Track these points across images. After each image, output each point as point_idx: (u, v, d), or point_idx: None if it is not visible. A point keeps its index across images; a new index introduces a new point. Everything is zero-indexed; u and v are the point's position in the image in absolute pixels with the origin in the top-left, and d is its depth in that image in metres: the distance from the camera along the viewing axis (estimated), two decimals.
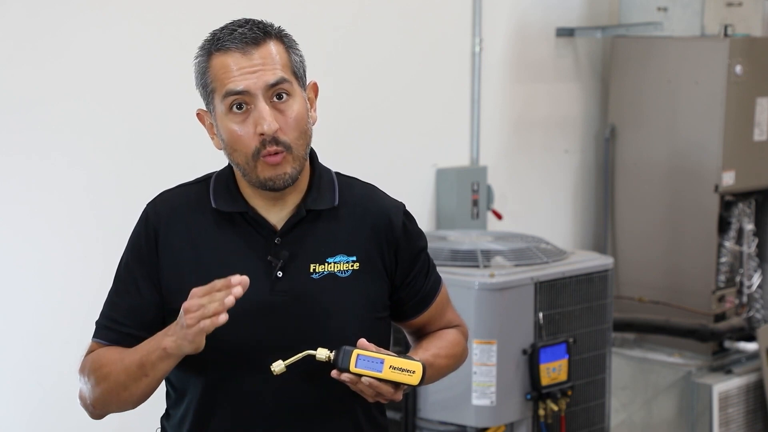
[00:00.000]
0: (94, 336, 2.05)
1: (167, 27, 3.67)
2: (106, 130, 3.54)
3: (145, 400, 1.99)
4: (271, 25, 1.98)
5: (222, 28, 1.97)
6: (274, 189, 1.96)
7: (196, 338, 1.85)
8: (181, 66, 3.60)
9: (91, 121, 3.50)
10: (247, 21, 1.97)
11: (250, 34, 1.94)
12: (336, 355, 1.90)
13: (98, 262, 3.43)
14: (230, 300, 1.82)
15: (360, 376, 1.88)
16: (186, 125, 3.63)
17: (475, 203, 4.64)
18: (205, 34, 2.01)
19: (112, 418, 2.09)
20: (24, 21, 3.34)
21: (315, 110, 2.05)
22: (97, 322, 2.06)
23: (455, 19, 4.62)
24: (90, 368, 2.00)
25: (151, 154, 3.64)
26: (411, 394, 3.70)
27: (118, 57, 3.55)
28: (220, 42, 1.94)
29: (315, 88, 2.06)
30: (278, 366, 1.91)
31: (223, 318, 1.82)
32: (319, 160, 2.10)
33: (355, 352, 1.89)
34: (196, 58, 1.98)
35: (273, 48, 1.95)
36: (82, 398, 2.03)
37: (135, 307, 2.01)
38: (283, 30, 2.00)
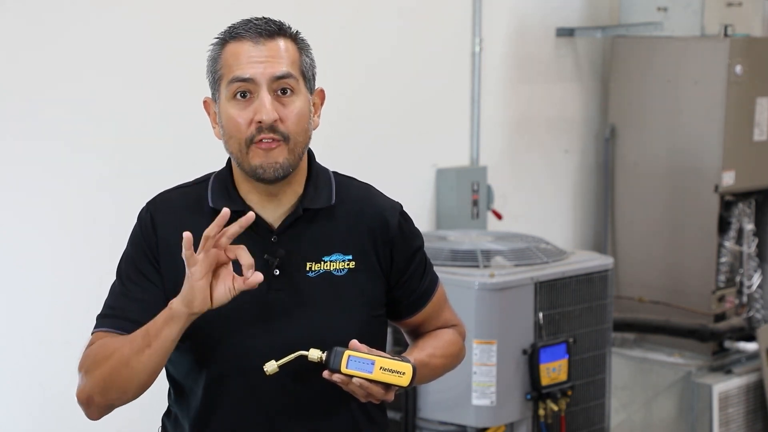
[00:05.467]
0: (97, 326, 2.01)
1: (166, 29, 3.67)
2: (104, 132, 3.55)
3: (145, 387, 1.94)
4: (288, 26, 2.02)
5: (240, 21, 2.02)
6: (265, 179, 1.97)
7: (192, 270, 1.83)
8: (178, 68, 3.63)
9: (89, 123, 3.51)
10: (264, 17, 2.02)
11: (264, 26, 1.98)
12: (328, 356, 1.91)
13: (99, 263, 3.43)
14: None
15: (351, 376, 1.89)
16: (187, 126, 3.65)
17: (475, 203, 4.64)
18: (202, 37, 2.03)
19: (114, 416, 2.08)
20: (20, 28, 3.34)
21: (318, 116, 2.08)
22: (100, 315, 2.03)
23: (455, 19, 4.62)
24: (92, 355, 1.96)
25: (149, 156, 3.65)
26: (411, 394, 3.70)
27: (116, 58, 3.55)
28: (234, 31, 1.99)
29: (322, 94, 2.09)
30: (271, 366, 1.93)
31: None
32: (317, 160, 2.11)
33: (347, 353, 1.90)
34: (210, 46, 2.02)
35: (285, 44, 1.99)
36: (80, 393, 1.97)
37: (142, 294, 1.99)
38: (299, 33, 2.04)
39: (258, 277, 1.87)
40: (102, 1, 3.53)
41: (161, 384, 2.07)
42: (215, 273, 1.87)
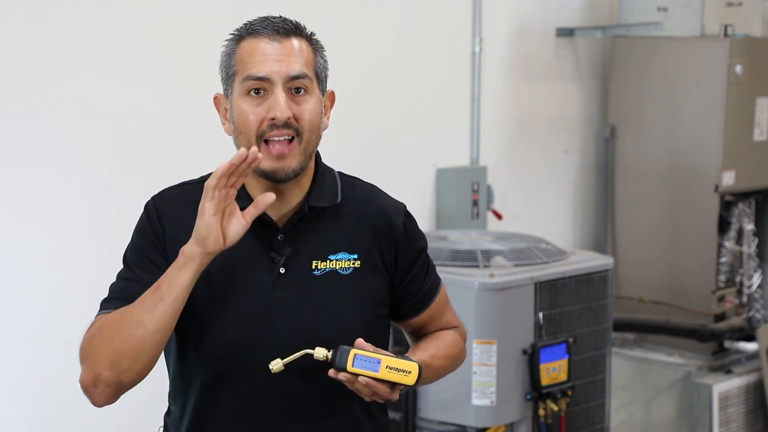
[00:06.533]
0: (103, 309, 1.97)
1: (166, 29, 3.67)
2: (104, 132, 3.55)
3: (159, 348, 1.89)
4: (304, 26, 2.03)
5: (257, 18, 2.02)
6: (276, 180, 1.98)
7: (206, 205, 1.82)
8: (178, 68, 3.63)
9: (89, 123, 3.51)
10: (281, 16, 2.02)
11: (282, 25, 1.99)
12: (333, 355, 1.91)
13: (99, 263, 3.43)
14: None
15: (357, 375, 1.89)
16: (187, 126, 3.65)
17: (475, 203, 4.64)
18: (202, 37, 2.03)
19: (115, 416, 2.08)
20: (19, 27, 3.34)
21: (328, 119, 2.09)
22: (105, 299, 2.00)
23: (455, 19, 4.62)
24: (97, 331, 1.91)
25: (149, 156, 3.65)
26: (411, 394, 3.70)
27: (115, 58, 3.55)
28: (252, 27, 2.00)
29: (332, 97, 2.10)
30: (276, 365, 1.92)
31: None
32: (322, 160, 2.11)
33: (353, 351, 1.90)
34: (226, 41, 2.02)
35: (300, 44, 2.00)
36: (86, 375, 1.90)
37: (149, 278, 1.96)
38: (314, 34, 2.05)
39: (269, 197, 1.87)
40: (101, 0, 3.53)
41: (163, 382, 2.07)
42: (223, 213, 1.87)
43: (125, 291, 1.97)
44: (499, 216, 4.75)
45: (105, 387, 1.89)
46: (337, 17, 4.16)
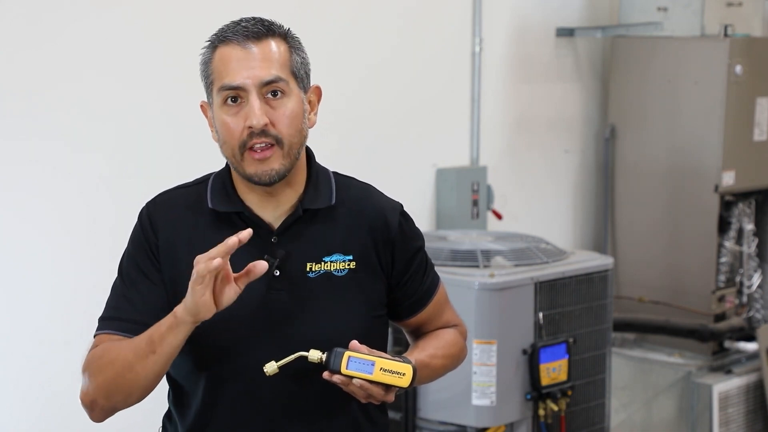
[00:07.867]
0: (101, 329, 2.01)
1: (166, 28, 3.67)
2: (104, 132, 3.55)
3: (149, 391, 1.94)
4: (279, 25, 2.01)
5: (229, 23, 2.00)
6: (261, 184, 1.97)
7: (197, 288, 1.81)
8: (178, 67, 3.63)
9: (89, 123, 3.51)
10: (254, 18, 2.00)
11: (252, 28, 1.96)
12: (328, 357, 1.90)
13: (99, 263, 3.43)
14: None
15: (351, 377, 1.89)
16: (187, 126, 3.65)
17: (475, 203, 4.64)
18: (202, 36, 2.03)
19: (115, 417, 2.08)
20: (19, 27, 3.34)
21: (315, 114, 2.06)
22: (102, 317, 2.02)
23: (455, 19, 4.62)
24: (95, 358, 1.96)
25: (149, 156, 3.64)
26: (411, 393, 3.70)
27: (115, 58, 3.55)
28: (223, 34, 1.98)
29: (318, 92, 2.08)
30: (271, 367, 1.93)
31: (216, 262, 1.80)
32: (318, 160, 2.11)
33: (347, 354, 1.90)
34: (202, 49, 2.01)
35: (274, 46, 1.97)
36: (84, 396, 1.97)
37: (144, 295, 1.99)
38: (290, 31, 2.02)
39: (262, 266, 1.86)
40: (101, 0, 3.53)
41: (163, 384, 2.07)
42: (216, 277, 1.85)
43: (121, 309, 2.00)
44: (499, 216, 4.75)
45: (101, 410, 1.97)
46: (337, 17, 4.16)
